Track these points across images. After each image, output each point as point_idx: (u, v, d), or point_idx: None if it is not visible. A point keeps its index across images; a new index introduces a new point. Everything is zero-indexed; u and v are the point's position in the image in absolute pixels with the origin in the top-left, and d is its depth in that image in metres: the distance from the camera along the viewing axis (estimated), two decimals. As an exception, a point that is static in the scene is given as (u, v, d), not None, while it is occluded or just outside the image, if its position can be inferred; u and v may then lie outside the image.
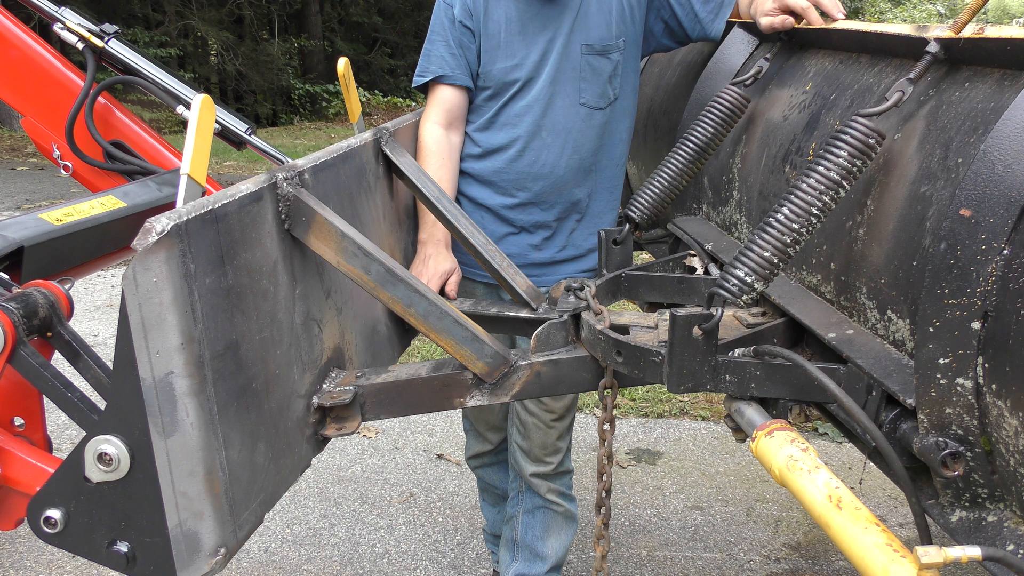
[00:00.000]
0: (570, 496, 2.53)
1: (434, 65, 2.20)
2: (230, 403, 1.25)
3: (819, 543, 3.14)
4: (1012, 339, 1.03)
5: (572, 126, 2.21)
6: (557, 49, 2.17)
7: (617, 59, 2.21)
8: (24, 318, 1.39)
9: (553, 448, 2.43)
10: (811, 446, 1.22)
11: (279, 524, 3.28)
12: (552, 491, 2.48)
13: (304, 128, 14.84)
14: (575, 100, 2.20)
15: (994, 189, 1.06)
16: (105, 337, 5.03)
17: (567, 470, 2.51)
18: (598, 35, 2.19)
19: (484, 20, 2.17)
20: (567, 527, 2.53)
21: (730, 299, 1.38)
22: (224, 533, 1.24)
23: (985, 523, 1.16)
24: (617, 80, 2.23)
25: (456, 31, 2.18)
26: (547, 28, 2.17)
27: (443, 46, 2.19)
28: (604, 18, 2.19)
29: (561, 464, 2.47)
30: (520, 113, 2.21)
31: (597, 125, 2.24)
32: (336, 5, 17.30)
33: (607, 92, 2.23)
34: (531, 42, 2.17)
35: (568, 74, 2.19)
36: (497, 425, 2.65)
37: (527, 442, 2.43)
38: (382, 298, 1.51)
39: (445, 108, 2.21)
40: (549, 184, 2.24)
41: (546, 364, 1.59)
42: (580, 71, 2.19)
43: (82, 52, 2.42)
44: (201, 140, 1.47)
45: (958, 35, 1.28)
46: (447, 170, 2.18)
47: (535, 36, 2.17)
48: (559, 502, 2.49)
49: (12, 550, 3.08)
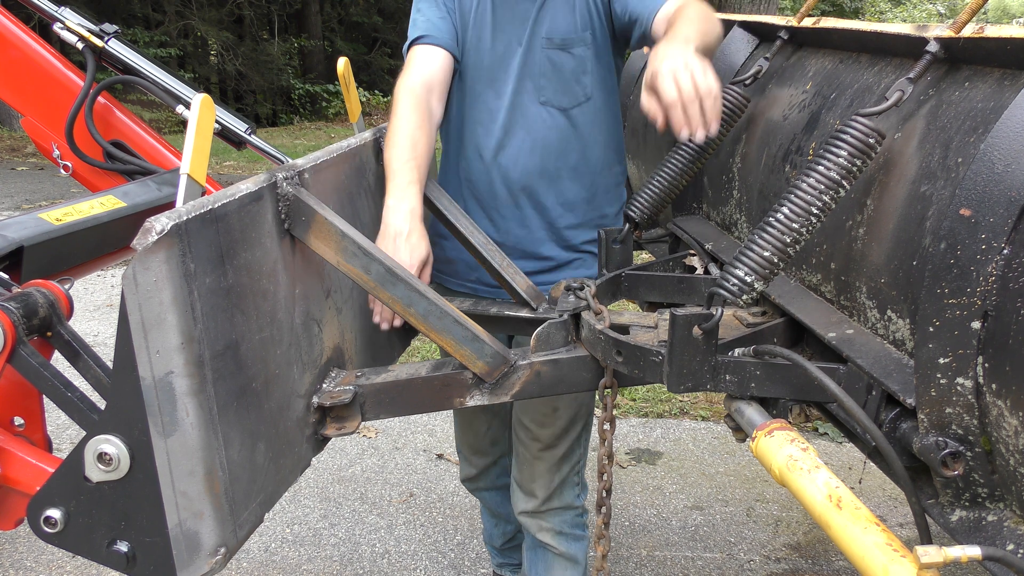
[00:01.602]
0: (570, 535, 2.24)
1: (419, 30, 1.97)
2: (230, 403, 1.25)
3: (819, 543, 3.14)
4: (1012, 339, 1.03)
5: (533, 126, 1.99)
6: (523, 43, 1.96)
7: (582, 54, 1.97)
8: (24, 318, 1.39)
9: (543, 482, 2.17)
10: (811, 446, 1.22)
11: (279, 524, 3.28)
12: (545, 530, 2.22)
13: (304, 128, 14.84)
14: (535, 99, 1.98)
15: (994, 189, 1.06)
16: (105, 337, 5.03)
17: (565, 506, 2.22)
18: (560, 28, 1.95)
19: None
20: (570, 569, 2.26)
21: (730, 299, 1.38)
22: (224, 533, 1.24)
23: (985, 523, 1.16)
24: (587, 78, 1.99)
25: (438, 3, 1.99)
26: (515, 20, 1.97)
27: (430, 8, 1.99)
28: (567, 9, 1.96)
29: (553, 499, 2.18)
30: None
31: (561, 127, 2.00)
32: (336, 5, 17.30)
33: (573, 91, 1.99)
34: (498, 34, 1.98)
35: (530, 69, 1.97)
36: (481, 449, 2.48)
37: (518, 474, 2.23)
38: (382, 298, 1.51)
39: (424, 66, 1.94)
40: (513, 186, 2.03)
41: (546, 364, 1.59)
42: (540, 67, 1.97)
43: (82, 52, 2.41)
44: (201, 140, 1.47)
45: (958, 35, 1.29)
46: (424, 132, 1.84)
47: (504, 27, 1.98)
48: (553, 544, 2.22)
49: (12, 550, 3.08)
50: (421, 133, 1.83)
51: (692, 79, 1.49)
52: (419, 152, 1.80)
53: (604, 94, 2.04)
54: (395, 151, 1.81)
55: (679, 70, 1.49)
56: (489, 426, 2.45)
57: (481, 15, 2.00)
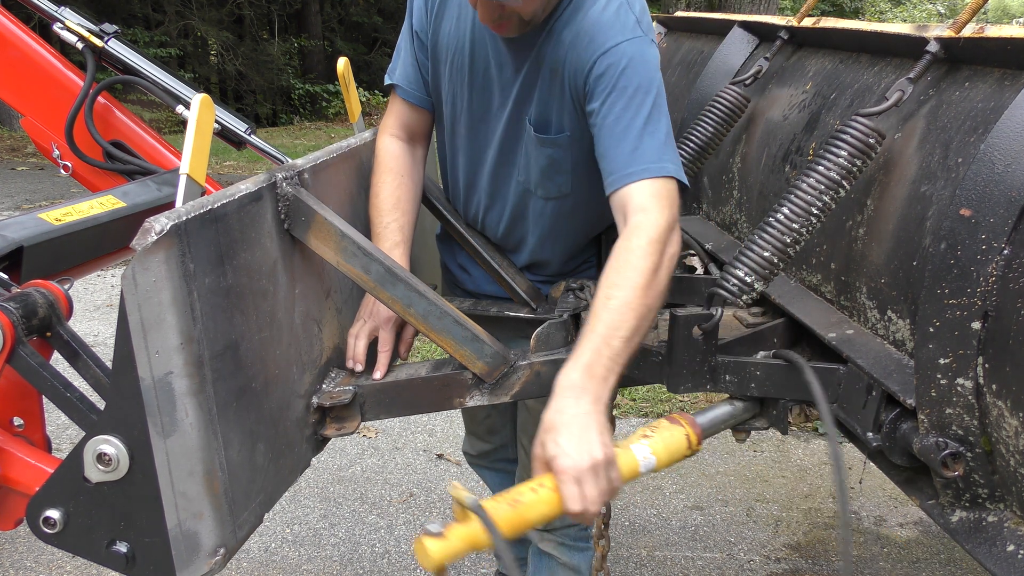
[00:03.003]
0: (573, 547, 2.17)
1: (398, 71, 1.85)
2: (229, 403, 1.25)
3: (819, 543, 3.14)
4: (1012, 339, 1.03)
5: (511, 201, 1.84)
6: (508, 107, 1.73)
7: (557, 155, 1.73)
8: (23, 318, 1.39)
9: None
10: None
11: (279, 524, 3.28)
12: (548, 542, 2.15)
13: (304, 128, 14.83)
14: (509, 176, 1.81)
15: (994, 189, 1.06)
16: (105, 337, 5.03)
17: (567, 524, 2.10)
18: (544, 121, 1.70)
19: (434, 34, 1.78)
20: (574, 574, 2.18)
21: (730, 299, 1.38)
22: (223, 533, 1.24)
23: (985, 523, 1.16)
24: (561, 177, 1.77)
25: (414, 40, 1.82)
26: (487, 67, 1.73)
27: (406, 52, 1.84)
28: (550, 107, 1.69)
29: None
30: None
31: (538, 209, 1.83)
32: (336, 5, 17.29)
33: (547, 186, 1.78)
34: (457, 74, 1.77)
35: (510, 146, 1.78)
36: (479, 435, 2.43)
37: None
38: (382, 298, 1.51)
39: (403, 121, 1.87)
40: None
41: (546, 364, 1.59)
42: (526, 147, 1.75)
43: (82, 52, 2.41)
44: (201, 140, 1.47)
45: (958, 35, 1.28)
46: (406, 189, 1.79)
47: (474, 74, 1.75)
48: (557, 555, 2.17)
49: (12, 550, 3.07)
50: (403, 190, 1.78)
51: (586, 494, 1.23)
52: (402, 209, 1.75)
53: (586, 189, 1.78)
54: (377, 212, 1.78)
55: (569, 484, 1.22)
56: (487, 415, 2.44)
57: (457, 58, 1.77)
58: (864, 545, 3.11)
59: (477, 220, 1.94)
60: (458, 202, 1.96)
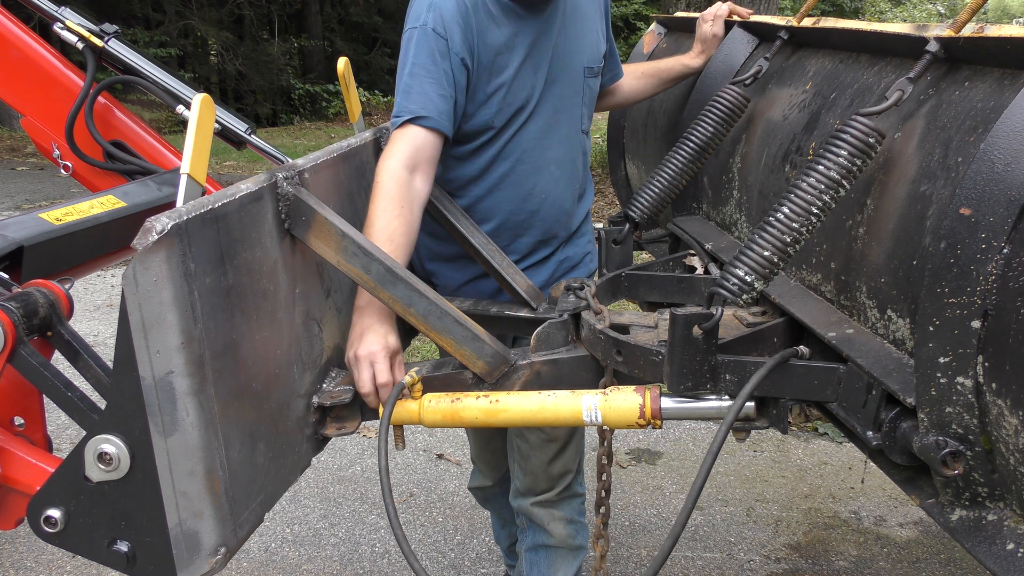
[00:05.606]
0: (577, 522, 2.31)
1: (414, 104, 1.80)
2: (230, 403, 1.25)
3: (819, 543, 3.14)
4: (1012, 338, 1.03)
5: (574, 157, 2.10)
6: (558, 72, 2.00)
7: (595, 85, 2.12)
8: (24, 318, 1.39)
9: (554, 472, 2.23)
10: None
11: (279, 524, 3.28)
12: (557, 520, 2.27)
13: (304, 128, 14.84)
14: (577, 127, 2.08)
15: (994, 188, 1.06)
16: (105, 337, 5.03)
17: (574, 494, 2.30)
18: (593, 55, 2.07)
19: (479, 53, 1.87)
20: (572, 558, 2.32)
21: (730, 298, 1.38)
22: (224, 532, 1.24)
23: (985, 522, 1.16)
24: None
25: (451, 68, 1.83)
26: (542, 47, 1.96)
27: (430, 83, 1.81)
28: (594, 36, 2.08)
29: (566, 489, 2.27)
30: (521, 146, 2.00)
31: (584, 152, 2.15)
32: (336, 5, 17.29)
33: (592, 115, 2.15)
34: (528, 68, 1.95)
35: (571, 100, 2.05)
36: (498, 465, 2.52)
37: (525, 474, 2.25)
38: (382, 297, 1.51)
39: (414, 147, 1.79)
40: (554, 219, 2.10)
41: (546, 364, 1.59)
42: (583, 95, 2.07)
43: (82, 52, 2.41)
44: (201, 140, 1.47)
45: (958, 34, 1.28)
46: (404, 220, 1.73)
47: (536, 59, 1.96)
48: (563, 532, 2.28)
49: (12, 550, 3.08)
50: (400, 222, 1.73)
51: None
52: (395, 244, 1.70)
53: None
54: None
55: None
56: (503, 441, 2.46)
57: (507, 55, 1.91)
58: (864, 545, 3.12)
59: (582, 195, 2.17)
60: (562, 189, 2.09)
